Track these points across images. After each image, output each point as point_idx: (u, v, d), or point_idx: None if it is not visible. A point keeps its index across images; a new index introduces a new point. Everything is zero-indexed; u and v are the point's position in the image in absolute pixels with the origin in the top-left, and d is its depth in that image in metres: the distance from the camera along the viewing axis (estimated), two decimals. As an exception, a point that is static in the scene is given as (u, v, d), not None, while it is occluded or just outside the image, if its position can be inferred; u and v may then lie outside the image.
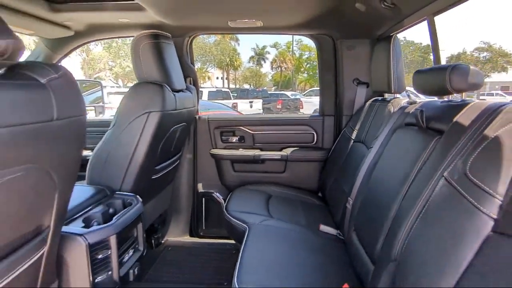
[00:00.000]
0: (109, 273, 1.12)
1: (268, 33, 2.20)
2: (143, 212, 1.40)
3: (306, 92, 21.41)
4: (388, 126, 1.38)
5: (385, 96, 1.86)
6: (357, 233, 1.24)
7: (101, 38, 2.13)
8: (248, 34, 2.59)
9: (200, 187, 2.23)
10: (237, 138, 2.22)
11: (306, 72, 32.33)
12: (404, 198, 0.95)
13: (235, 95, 14.85)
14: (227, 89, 15.49)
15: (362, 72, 2.00)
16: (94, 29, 1.95)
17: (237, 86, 30.98)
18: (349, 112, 2.07)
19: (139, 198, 1.41)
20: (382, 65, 1.67)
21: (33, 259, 0.79)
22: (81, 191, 1.32)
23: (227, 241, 2.12)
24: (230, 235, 1.69)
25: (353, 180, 1.44)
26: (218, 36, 26.11)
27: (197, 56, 25.30)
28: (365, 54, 1.97)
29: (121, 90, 9.86)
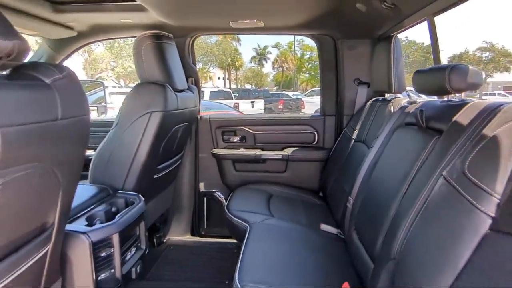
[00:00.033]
0: (112, 271, 1.13)
1: (269, 34, 2.21)
2: (145, 211, 1.41)
3: (307, 92, 21.41)
4: (388, 126, 1.38)
5: (386, 96, 1.87)
6: (357, 232, 1.25)
7: (104, 39, 2.15)
8: (250, 35, 2.60)
9: (201, 186, 2.24)
10: (238, 138, 2.23)
11: (307, 72, 32.32)
12: (404, 197, 0.96)
13: (237, 95, 14.87)
14: (229, 89, 15.51)
15: (363, 72, 2.01)
16: (97, 30, 1.97)
17: (239, 86, 31.00)
18: (350, 112, 2.07)
19: (141, 197, 1.43)
20: (382, 65, 1.68)
21: (38, 256, 0.80)
22: (84, 190, 1.34)
23: (228, 240, 2.13)
24: (231, 234, 1.70)
25: (354, 179, 1.45)
26: (219, 36, 26.13)
27: (199, 56, 25.36)
28: (366, 54, 1.98)
29: (123, 90, 9.90)
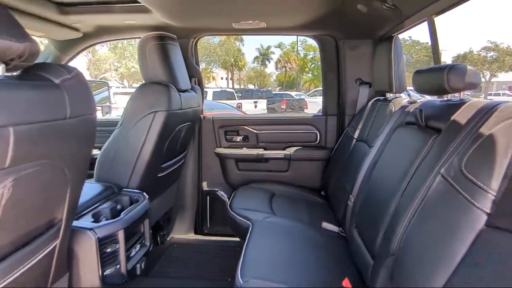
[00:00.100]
0: (117, 266, 1.16)
1: (271, 34, 2.23)
2: (149, 209, 1.44)
3: (310, 92, 21.36)
4: (389, 125, 1.40)
5: (387, 95, 1.88)
6: (358, 230, 1.27)
7: (109, 40, 2.18)
8: (252, 35, 2.62)
9: (204, 185, 2.27)
10: (241, 138, 2.25)
11: (310, 72, 32.26)
12: (403, 194, 0.97)
13: (240, 95, 14.89)
14: (232, 89, 15.52)
15: (364, 72, 2.03)
16: (102, 31, 2.00)
17: (242, 86, 31.01)
18: (351, 111, 2.09)
19: (146, 195, 1.45)
20: (383, 65, 1.70)
21: (46, 251, 0.83)
22: (90, 188, 1.36)
23: (231, 238, 2.15)
24: (234, 231, 1.72)
25: (355, 178, 1.47)
26: (222, 37, 26.18)
27: (202, 56, 25.40)
28: (368, 54, 2.00)
29: (127, 90, 9.95)
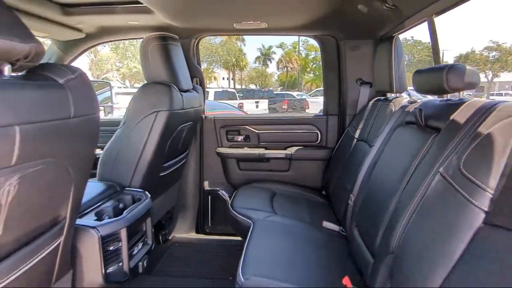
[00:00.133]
0: (120, 264, 1.17)
1: (272, 34, 2.24)
2: (151, 208, 1.45)
3: (312, 92, 21.35)
4: (389, 125, 1.41)
5: (388, 95, 1.89)
6: (358, 229, 1.27)
7: (111, 40, 2.20)
8: (253, 35, 2.63)
9: (206, 185, 2.28)
10: (242, 137, 2.26)
11: (312, 72, 32.24)
12: (403, 193, 0.98)
13: (241, 95, 14.89)
14: (233, 90, 15.53)
15: (365, 72, 2.03)
16: (105, 31, 2.02)
17: (243, 87, 31.03)
18: (352, 111, 2.10)
19: (148, 194, 1.47)
20: (384, 65, 1.70)
21: (51, 248, 0.84)
22: (93, 187, 1.38)
23: (232, 238, 2.17)
24: (235, 230, 1.74)
25: (355, 177, 1.48)
26: (224, 37, 26.22)
27: (203, 56, 25.44)
28: (368, 54, 2.00)
29: (128, 90, 9.98)
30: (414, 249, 0.79)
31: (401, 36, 1.73)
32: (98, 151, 1.86)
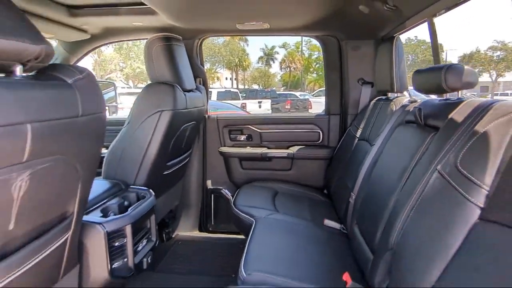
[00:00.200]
0: (125, 260, 1.20)
1: (275, 35, 2.27)
2: (155, 205, 1.48)
3: (315, 92, 21.34)
4: (390, 124, 1.43)
5: (389, 95, 1.90)
6: (359, 226, 1.29)
7: (116, 41, 2.23)
8: (256, 36, 2.66)
9: (209, 183, 2.30)
10: (245, 137, 2.29)
11: (315, 72, 32.15)
12: (401, 191, 1.00)
13: (244, 95, 14.92)
14: (236, 90, 15.56)
15: (366, 72, 2.05)
16: (109, 32, 2.05)
17: (246, 87, 31.04)
18: (354, 111, 2.11)
19: (152, 191, 1.49)
20: (385, 65, 1.72)
21: (59, 242, 0.87)
22: (99, 185, 1.41)
23: (235, 236, 2.19)
24: (238, 228, 1.76)
25: (356, 176, 1.49)
26: (227, 37, 26.25)
27: (207, 56, 25.50)
28: (369, 54, 2.02)
29: (132, 90, 10.05)
30: (412, 246, 0.80)
31: (405, 36, 1.75)
32: (103, 150, 1.89)
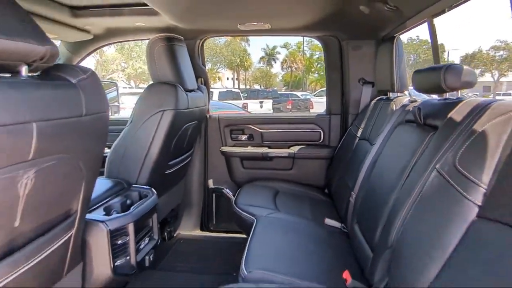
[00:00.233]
0: (128, 257, 1.21)
1: (276, 35, 2.28)
2: (157, 204, 1.50)
3: (316, 92, 21.33)
4: (390, 124, 1.43)
5: (389, 95, 1.91)
6: (359, 225, 1.30)
7: (118, 41, 2.25)
8: (258, 36, 2.67)
9: (210, 183, 2.32)
10: (246, 136, 2.30)
11: (316, 72, 32.15)
12: (401, 190, 1.01)
13: (246, 95, 14.93)
14: (238, 90, 15.57)
15: (367, 72, 2.06)
16: (112, 33, 2.07)
17: (248, 87, 31.07)
18: (355, 111, 2.12)
19: (154, 190, 1.51)
20: (386, 65, 1.73)
21: (63, 240, 0.89)
22: (101, 184, 1.42)
23: (236, 235, 2.20)
24: (239, 227, 1.77)
25: (357, 175, 1.50)
26: (228, 38, 26.28)
27: (208, 57, 25.49)
28: (370, 54, 2.03)
29: (133, 90, 10.08)
30: (411, 243, 0.81)
31: (407, 36, 1.76)
32: (106, 149, 1.91)
